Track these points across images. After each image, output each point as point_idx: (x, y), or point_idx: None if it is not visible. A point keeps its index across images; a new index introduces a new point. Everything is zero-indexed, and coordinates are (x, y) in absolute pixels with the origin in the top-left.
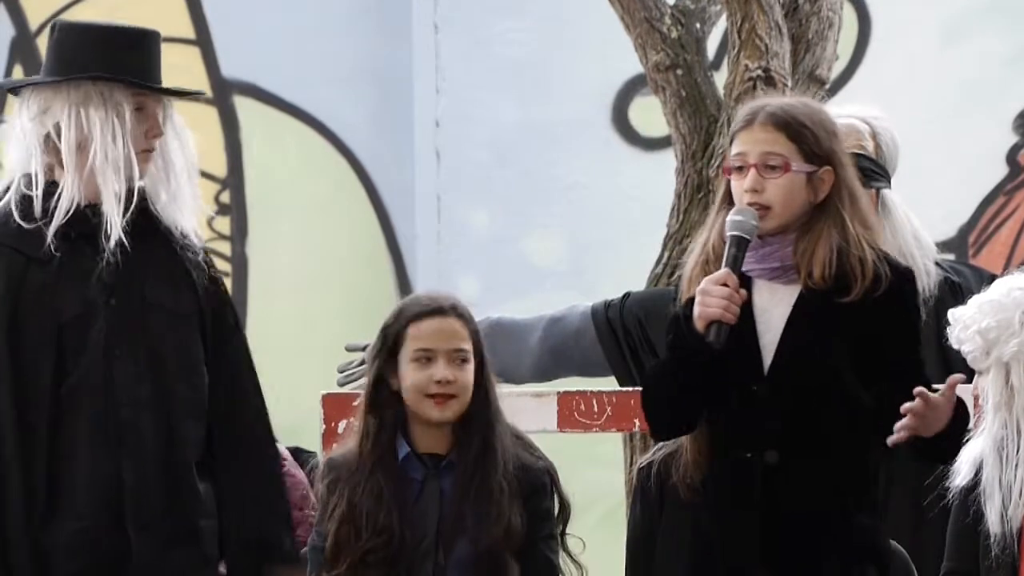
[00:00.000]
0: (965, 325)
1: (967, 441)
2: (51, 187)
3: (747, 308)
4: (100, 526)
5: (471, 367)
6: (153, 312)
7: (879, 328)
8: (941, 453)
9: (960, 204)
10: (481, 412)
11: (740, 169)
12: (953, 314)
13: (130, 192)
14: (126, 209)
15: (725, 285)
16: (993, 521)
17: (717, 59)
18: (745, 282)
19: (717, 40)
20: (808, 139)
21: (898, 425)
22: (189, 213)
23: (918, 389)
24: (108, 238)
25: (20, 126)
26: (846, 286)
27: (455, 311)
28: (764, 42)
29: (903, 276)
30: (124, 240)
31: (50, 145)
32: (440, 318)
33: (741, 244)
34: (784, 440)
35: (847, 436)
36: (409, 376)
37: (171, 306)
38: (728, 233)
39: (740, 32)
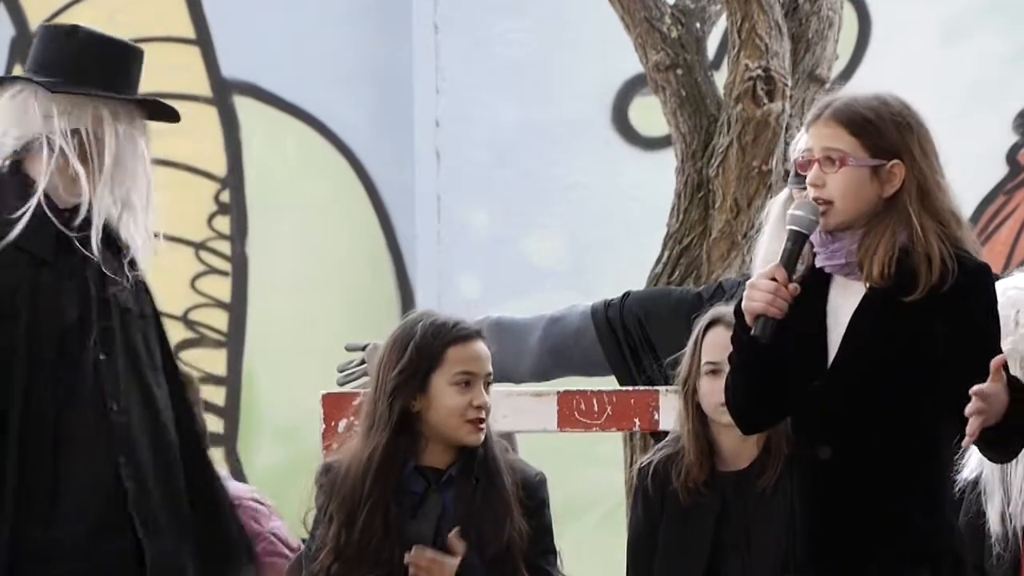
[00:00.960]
0: None
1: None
2: (54, 192)
3: (821, 304)
4: (106, 528)
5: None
6: (126, 316)
7: (942, 327)
8: (1006, 442)
9: (960, 204)
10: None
11: (810, 164)
12: None
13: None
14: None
15: (774, 279)
16: (994, 520)
17: (717, 59)
18: (825, 277)
19: (717, 40)
20: (871, 133)
21: (968, 429)
22: (141, 227)
23: (974, 389)
24: (100, 249)
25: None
26: (911, 284)
27: (481, 336)
28: (764, 42)
29: (972, 273)
30: (100, 250)
31: (55, 147)
32: (478, 342)
33: (797, 239)
34: (838, 437)
35: (907, 437)
36: (448, 399)
37: (138, 310)
38: (786, 227)
39: (740, 32)
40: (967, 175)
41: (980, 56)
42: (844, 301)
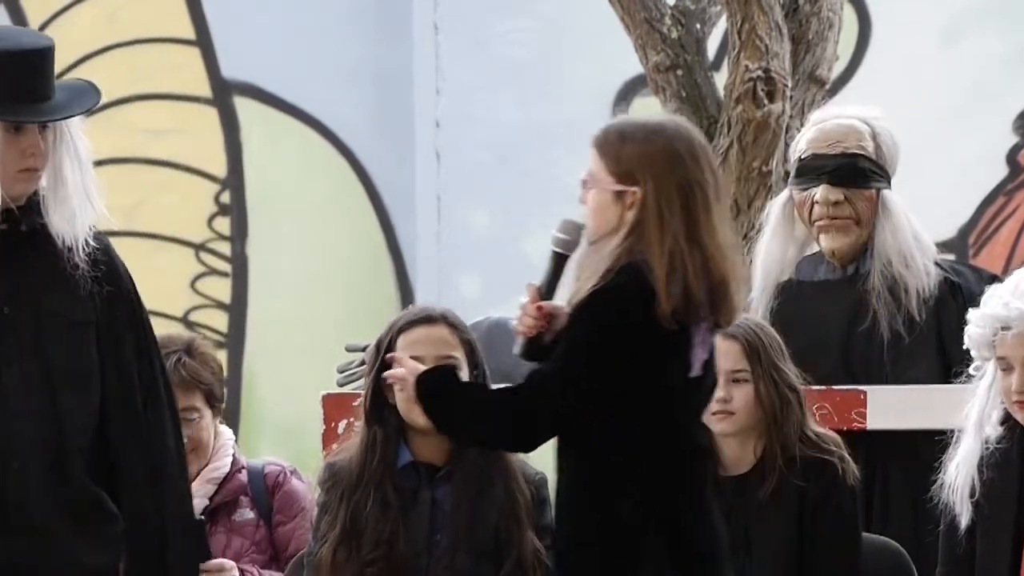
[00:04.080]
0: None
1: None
2: None
3: None
4: None
5: (463, 375)
6: (49, 320)
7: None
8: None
9: (960, 204)
10: None
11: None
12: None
13: (8, 209)
14: (12, 224)
15: (535, 303)
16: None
17: (717, 59)
18: None
19: (717, 40)
20: (611, 155)
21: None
22: (79, 225)
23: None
24: None
25: None
26: None
27: (445, 320)
28: (764, 43)
29: (584, 300)
30: (12, 253)
31: None
32: (428, 326)
33: (559, 260)
34: None
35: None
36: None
37: (68, 314)
38: (551, 248)
39: (740, 33)
40: (967, 175)
41: (980, 57)
42: None
